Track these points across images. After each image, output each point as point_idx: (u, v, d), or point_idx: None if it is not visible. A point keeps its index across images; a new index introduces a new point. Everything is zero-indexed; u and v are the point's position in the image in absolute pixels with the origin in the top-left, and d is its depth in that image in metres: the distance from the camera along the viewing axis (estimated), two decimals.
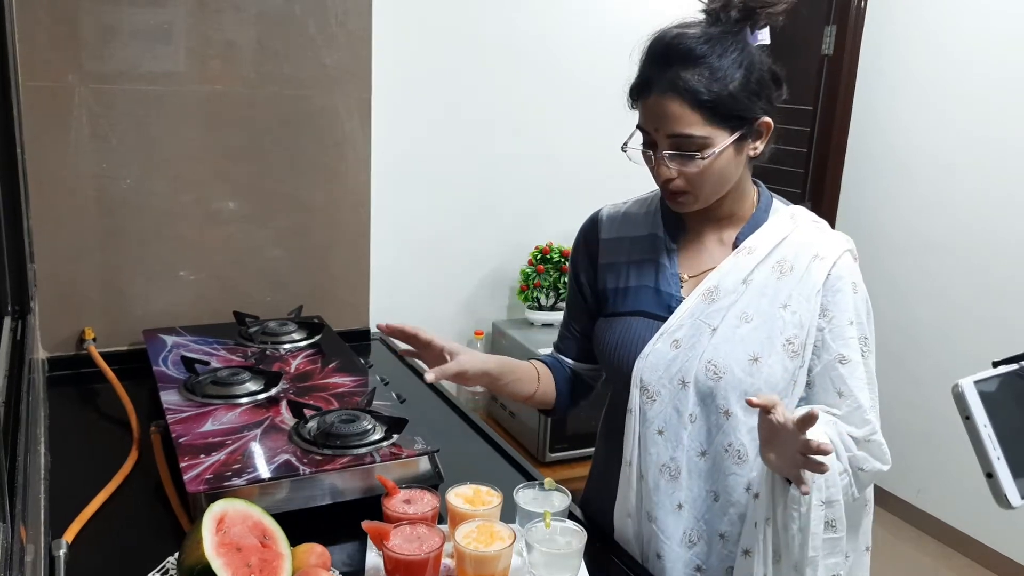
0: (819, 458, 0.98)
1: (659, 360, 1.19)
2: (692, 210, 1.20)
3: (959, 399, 0.84)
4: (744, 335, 1.15)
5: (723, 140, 1.11)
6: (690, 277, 1.23)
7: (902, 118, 3.21)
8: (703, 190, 1.15)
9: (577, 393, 1.41)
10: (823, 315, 1.16)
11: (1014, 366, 0.88)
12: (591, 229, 1.34)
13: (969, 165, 2.98)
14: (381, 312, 2.16)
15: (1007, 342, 2.35)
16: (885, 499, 3.36)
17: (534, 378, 1.35)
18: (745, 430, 1.16)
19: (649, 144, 1.15)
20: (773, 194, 1.26)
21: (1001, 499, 0.83)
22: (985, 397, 0.84)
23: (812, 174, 3.50)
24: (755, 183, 1.25)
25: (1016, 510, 0.83)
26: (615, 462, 1.27)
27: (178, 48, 1.76)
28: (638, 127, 1.16)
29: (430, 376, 1.19)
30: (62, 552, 1.05)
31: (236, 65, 1.81)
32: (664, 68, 1.10)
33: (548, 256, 2.53)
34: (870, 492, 1.22)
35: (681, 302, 1.20)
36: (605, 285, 1.29)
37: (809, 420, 0.97)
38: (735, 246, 1.22)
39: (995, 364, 0.89)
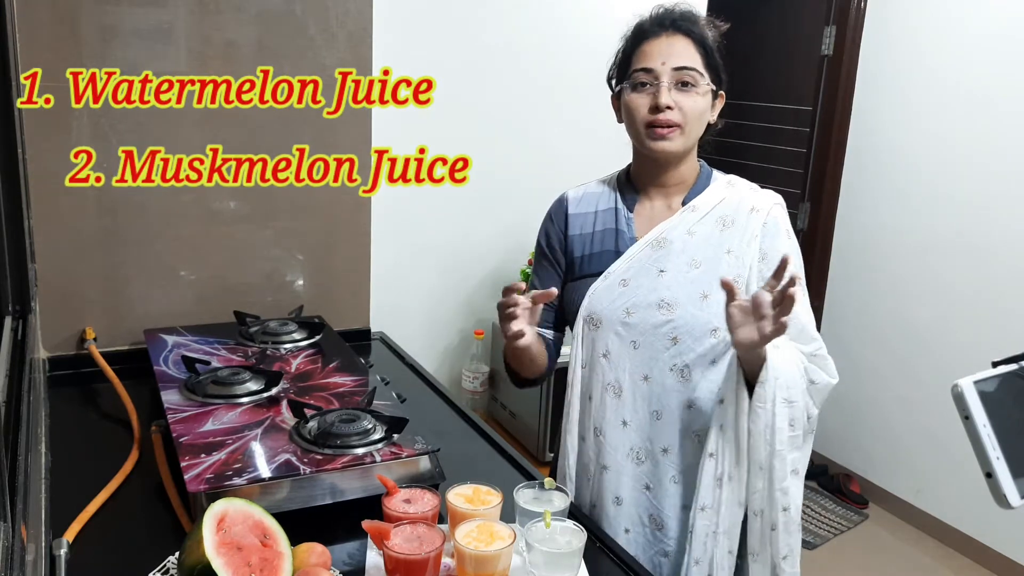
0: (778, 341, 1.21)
1: (604, 296, 1.38)
2: (673, 150, 1.35)
3: (958, 399, 0.84)
4: (695, 277, 1.35)
5: (708, 86, 1.34)
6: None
7: (901, 118, 3.21)
8: (689, 125, 1.34)
9: (552, 359, 1.53)
10: (763, 259, 1.36)
11: (1013, 366, 0.88)
12: (559, 207, 1.52)
13: (968, 164, 2.98)
14: (382, 312, 2.16)
15: (1007, 341, 2.36)
16: (885, 499, 3.37)
17: (543, 351, 1.49)
18: (692, 355, 1.34)
19: (649, 81, 1.33)
20: (712, 168, 1.47)
21: (1000, 499, 0.83)
22: (984, 397, 0.84)
23: (812, 174, 3.50)
24: (698, 158, 1.45)
25: (1015, 510, 0.84)
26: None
27: (178, 48, 1.76)
28: (636, 70, 1.35)
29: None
30: (63, 551, 1.06)
31: (236, 65, 1.81)
32: (671, 20, 1.35)
33: None
34: (816, 419, 1.38)
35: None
36: (573, 253, 1.46)
37: (784, 265, 1.18)
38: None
39: (995, 364, 0.89)
